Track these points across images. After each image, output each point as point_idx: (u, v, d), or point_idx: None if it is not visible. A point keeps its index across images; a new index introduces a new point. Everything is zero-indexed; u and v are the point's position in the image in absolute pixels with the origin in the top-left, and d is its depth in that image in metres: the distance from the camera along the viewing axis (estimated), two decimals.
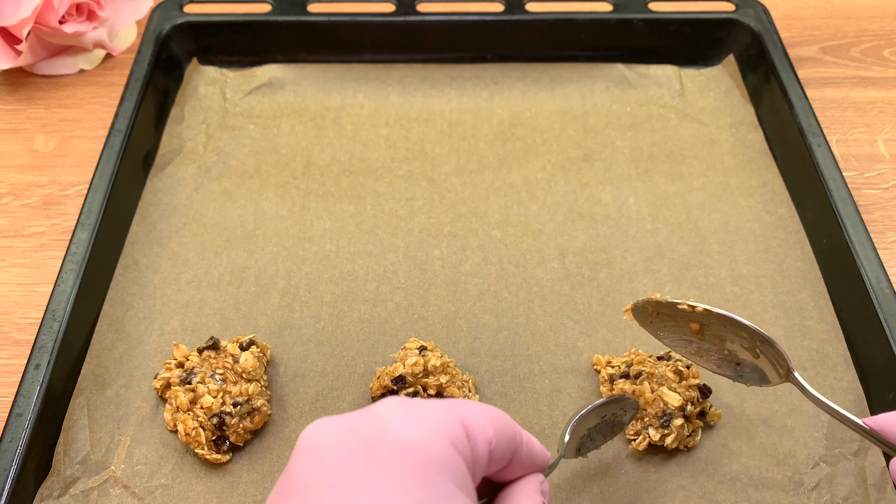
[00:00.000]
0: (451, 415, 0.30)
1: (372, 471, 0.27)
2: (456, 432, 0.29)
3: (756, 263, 0.54)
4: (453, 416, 0.30)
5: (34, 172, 0.60)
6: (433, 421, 0.29)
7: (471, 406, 0.31)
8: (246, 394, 0.45)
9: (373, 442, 0.28)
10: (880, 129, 0.64)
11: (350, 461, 0.27)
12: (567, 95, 0.65)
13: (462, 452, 0.29)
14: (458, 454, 0.29)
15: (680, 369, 0.45)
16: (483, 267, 0.54)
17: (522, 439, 0.33)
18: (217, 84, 0.66)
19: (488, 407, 0.32)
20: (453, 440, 0.29)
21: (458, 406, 0.31)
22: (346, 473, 0.27)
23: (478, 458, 0.30)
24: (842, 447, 0.45)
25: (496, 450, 0.31)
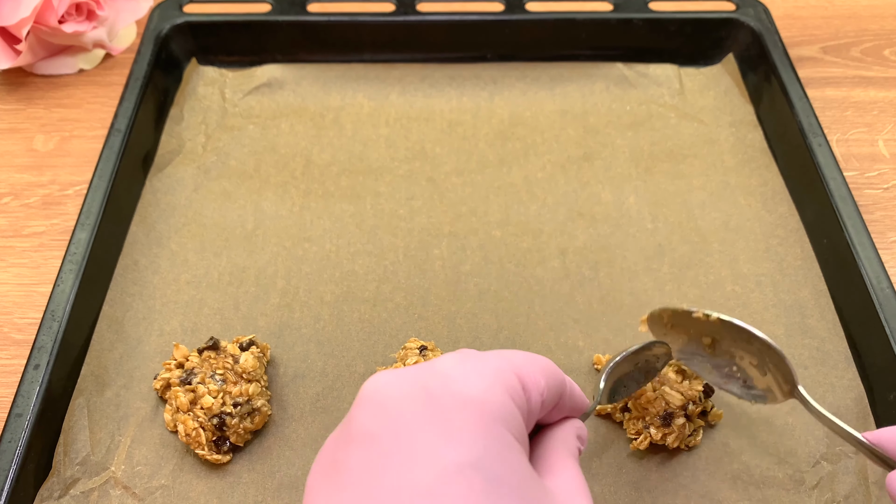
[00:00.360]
0: (508, 367, 0.31)
1: (437, 421, 0.28)
2: (513, 385, 0.31)
3: (756, 262, 0.54)
4: (509, 368, 0.31)
5: (34, 172, 0.60)
6: (492, 375, 0.30)
7: (523, 357, 0.32)
8: (246, 394, 0.45)
9: (437, 394, 0.29)
10: (881, 129, 0.64)
11: (416, 410, 0.28)
12: (567, 95, 0.65)
13: (518, 404, 0.30)
14: (515, 406, 0.30)
15: (682, 368, 0.45)
16: (483, 266, 0.54)
17: (566, 386, 0.35)
18: (216, 84, 0.65)
19: (538, 357, 0.33)
20: (511, 392, 0.30)
21: (512, 358, 0.32)
22: (413, 422, 0.28)
23: (532, 408, 0.32)
24: (843, 445, 0.45)
25: (547, 399, 0.32)
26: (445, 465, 0.27)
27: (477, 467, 0.27)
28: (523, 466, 0.29)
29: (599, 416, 0.46)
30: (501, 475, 0.27)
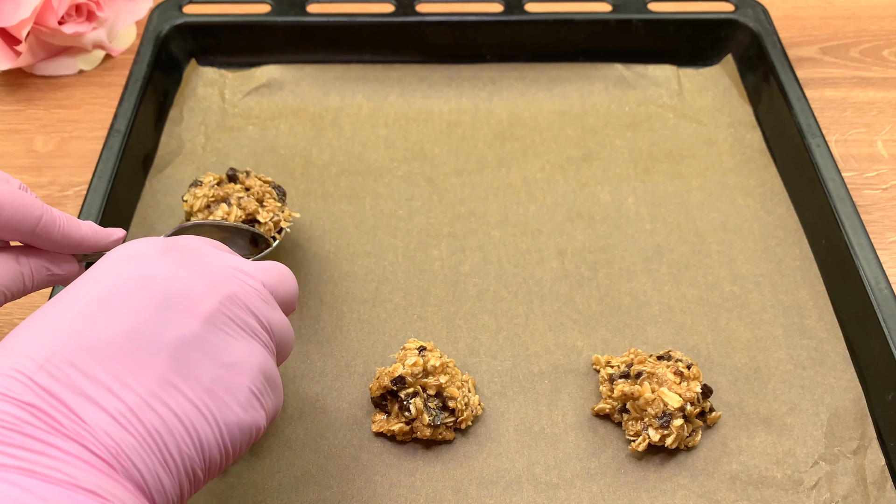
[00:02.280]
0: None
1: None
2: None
3: (755, 263, 0.54)
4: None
5: (33, 173, 0.60)
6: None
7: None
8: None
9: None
10: (879, 130, 0.64)
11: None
12: (566, 95, 0.65)
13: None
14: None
15: (680, 370, 0.45)
16: (482, 267, 0.54)
17: (42, 213, 0.39)
18: (216, 85, 0.66)
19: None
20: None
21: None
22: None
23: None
24: (841, 446, 0.45)
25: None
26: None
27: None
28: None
29: (598, 416, 0.46)
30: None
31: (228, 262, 0.35)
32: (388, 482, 0.44)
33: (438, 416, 0.44)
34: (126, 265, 0.32)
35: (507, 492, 0.43)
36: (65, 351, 0.28)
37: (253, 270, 0.35)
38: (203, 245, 0.35)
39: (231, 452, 0.31)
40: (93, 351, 0.29)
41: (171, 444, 0.29)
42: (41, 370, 0.28)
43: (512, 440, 0.45)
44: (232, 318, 0.32)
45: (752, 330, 0.50)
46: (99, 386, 0.28)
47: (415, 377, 0.44)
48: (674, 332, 0.50)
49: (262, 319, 0.33)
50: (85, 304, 0.30)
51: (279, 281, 0.36)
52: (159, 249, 0.33)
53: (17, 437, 0.26)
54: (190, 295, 0.31)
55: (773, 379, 0.48)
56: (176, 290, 0.31)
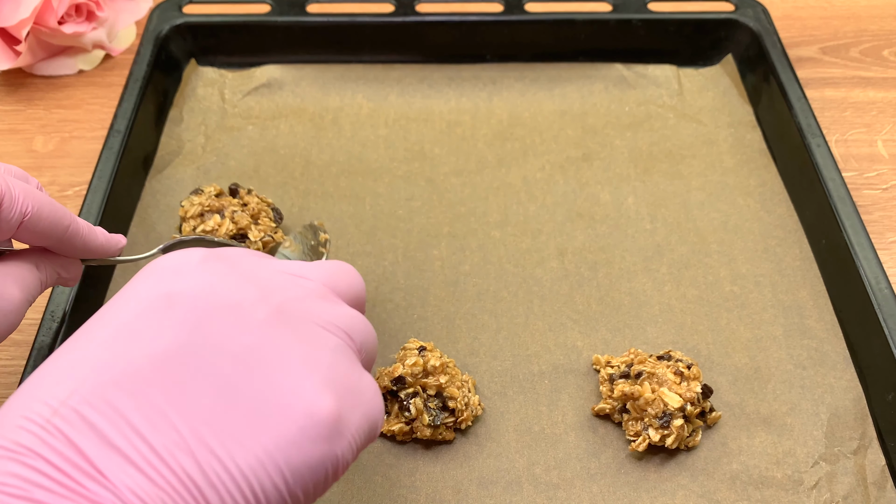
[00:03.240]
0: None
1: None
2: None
3: (755, 262, 0.54)
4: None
5: (33, 173, 0.60)
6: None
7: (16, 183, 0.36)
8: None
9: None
10: (880, 130, 0.64)
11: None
12: (566, 95, 0.65)
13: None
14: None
15: (681, 370, 0.45)
16: (482, 267, 0.54)
17: (70, 222, 0.38)
18: (216, 85, 0.66)
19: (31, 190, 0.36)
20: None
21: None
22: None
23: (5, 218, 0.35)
24: (841, 446, 0.45)
25: (32, 222, 0.36)
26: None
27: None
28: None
29: (598, 416, 0.46)
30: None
31: (278, 267, 0.30)
32: (388, 482, 0.44)
33: (438, 416, 0.44)
34: (157, 280, 0.28)
35: (507, 492, 0.43)
36: (85, 389, 0.24)
37: (308, 272, 0.31)
38: (247, 253, 0.31)
39: (301, 498, 0.26)
40: (117, 385, 0.24)
41: (211, 496, 0.24)
42: (56, 415, 0.24)
43: (512, 440, 0.45)
44: (288, 327, 0.27)
45: (752, 330, 0.50)
46: (124, 429, 0.24)
47: (415, 377, 0.44)
48: (674, 332, 0.50)
49: (328, 320, 0.29)
50: (109, 332, 0.26)
51: (340, 275, 0.32)
52: (196, 260, 0.29)
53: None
54: (230, 307, 0.27)
55: (773, 379, 0.48)
56: (213, 303, 0.27)
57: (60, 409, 0.24)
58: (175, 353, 0.25)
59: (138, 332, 0.26)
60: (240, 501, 0.24)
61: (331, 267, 0.32)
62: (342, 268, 0.33)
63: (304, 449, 0.25)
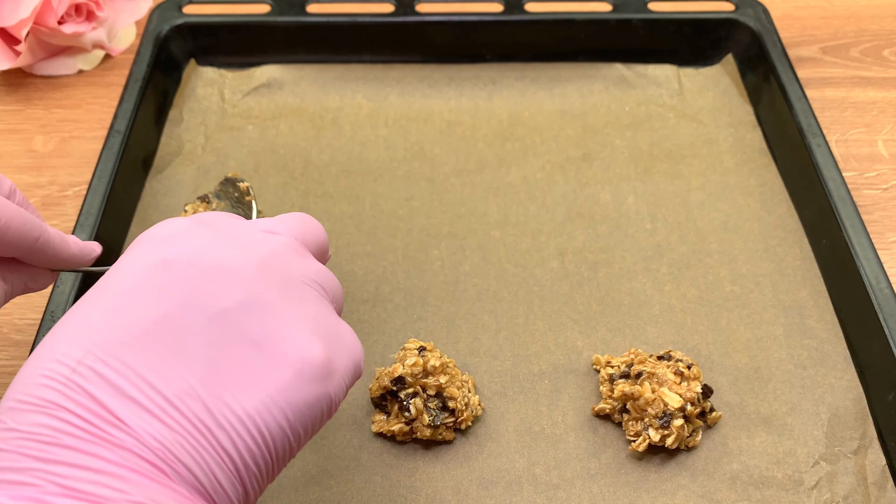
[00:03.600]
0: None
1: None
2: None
3: (755, 262, 0.54)
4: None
5: (33, 173, 0.60)
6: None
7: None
8: None
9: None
10: (880, 130, 0.64)
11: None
12: (566, 95, 0.65)
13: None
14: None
15: (681, 370, 0.45)
16: (482, 267, 0.54)
17: (41, 233, 0.38)
18: (215, 85, 0.65)
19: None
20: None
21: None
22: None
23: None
24: (842, 446, 0.45)
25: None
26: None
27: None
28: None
29: (598, 416, 0.46)
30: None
31: (253, 226, 0.33)
32: (388, 482, 0.44)
33: (438, 417, 0.44)
34: (151, 249, 0.30)
35: (507, 492, 0.43)
36: (97, 349, 0.27)
37: (277, 226, 0.33)
38: (225, 216, 0.34)
39: (301, 434, 0.29)
40: (126, 345, 0.27)
41: (221, 435, 0.26)
42: (75, 373, 0.26)
43: (512, 440, 0.45)
44: (272, 282, 0.30)
45: (752, 330, 0.50)
46: (137, 382, 0.26)
47: (415, 377, 0.44)
48: (674, 332, 0.50)
49: (306, 275, 0.31)
50: (113, 297, 0.28)
51: (305, 229, 0.35)
52: (183, 227, 0.31)
53: (57, 452, 0.24)
54: (221, 268, 0.29)
55: (773, 379, 0.48)
56: (205, 265, 0.29)
57: (78, 367, 0.26)
58: (176, 312, 0.28)
59: (141, 296, 0.28)
60: (248, 441, 0.27)
61: (296, 220, 0.35)
62: (305, 220, 0.35)
63: (301, 390, 0.28)
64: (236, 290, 0.29)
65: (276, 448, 0.28)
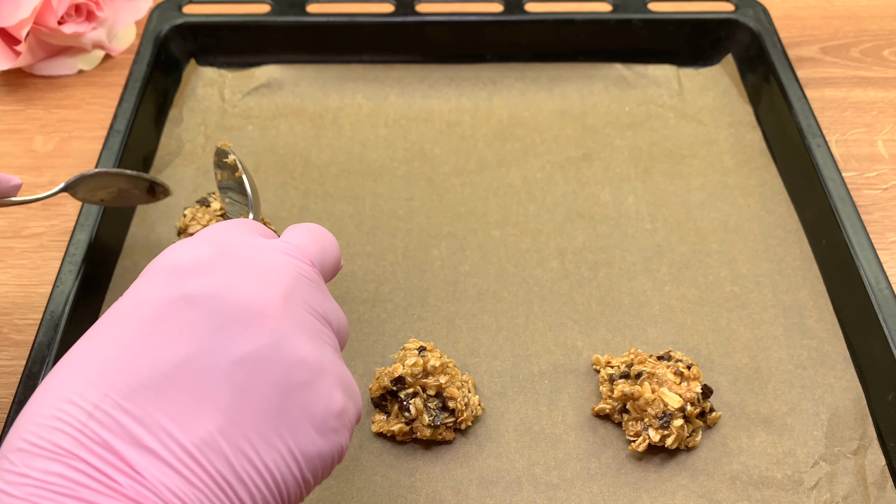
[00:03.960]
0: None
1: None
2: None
3: (755, 262, 0.54)
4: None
5: (33, 173, 0.60)
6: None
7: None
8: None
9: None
10: (880, 130, 0.64)
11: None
12: (566, 95, 0.65)
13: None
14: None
15: (681, 370, 0.45)
16: (482, 267, 0.54)
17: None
18: (215, 85, 0.65)
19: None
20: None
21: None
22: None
23: None
24: (841, 446, 0.45)
25: None
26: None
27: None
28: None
29: (598, 416, 0.46)
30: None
31: (272, 245, 0.31)
32: (388, 482, 0.44)
33: (438, 417, 0.44)
34: (171, 281, 0.28)
35: (507, 492, 0.43)
36: (115, 392, 0.25)
37: (295, 250, 0.32)
38: (242, 233, 0.32)
39: (312, 483, 0.28)
40: (146, 389, 0.26)
41: (240, 490, 0.26)
42: (91, 419, 0.25)
43: (512, 440, 0.45)
44: (294, 321, 0.28)
45: (752, 330, 0.50)
46: (156, 431, 0.25)
47: (415, 377, 0.44)
48: (674, 332, 0.50)
49: (321, 313, 0.30)
50: (132, 334, 0.27)
51: (322, 247, 0.33)
52: (203, 256, 0.29)
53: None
54: (245, 305, 0.28)
55: (773, 379, 0.48)
56: (229, 303, 0.28)
57: (95, 412, 0.25)
58: (198, 355, 0.26)
59: (162, 335, 0.27)
60: (266, 494, 0.26)
61: (312, 238, 0.33)
62: (321, 237, 0.34)
63: (319, 443, 0.28)
64: (260, 333, 0.27)
65: (289, 498, 0.27)
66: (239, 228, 0.32)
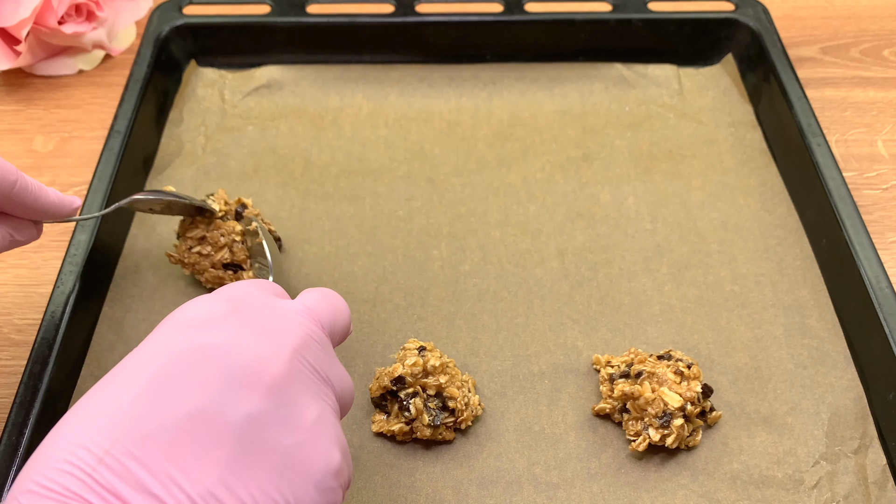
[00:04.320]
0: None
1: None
2: None
3: (755, 262, 0.54)
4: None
5: (33, 173, 0.60)
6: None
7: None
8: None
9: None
10: (880, 130, 0.64)
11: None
12: (566, 95, 0.65)
13: None
14: None
15: (681, 370, 0.45)
16: (482, 267, 0.54)
17: (17, 178, 0.38)
18: (216, 86, 0.66)
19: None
20: None
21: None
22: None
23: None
24: (842, 445, 0.45)
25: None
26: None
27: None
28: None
29: (598, 416, 0.46)
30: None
31: (286, 306, 0.33)
32: (388, 482, 0.44)
33: (438, 417, 0.44)
34: (186, 334, 0.29)
35: (507, 492, 0.43)
36: (126, 439, 0.26)
37: (308, 311, 0.33)
38: (258, 293, 0.33)
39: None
40: (156, 437, 0.26)
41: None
42: (101, 464, 0.26)
43: (512, 440, 0.45)
44: (300, 381, 0.30)
45: (752, 329, 0.50)
46: (163, 479, 0.26)
47: (415, 377, 0.44)
48: (674, 332, 0.50)
49: (325, 375, 0.32)
50: (144, 383, 0.28)
51: (334, 313, 0.35)
52: (219, 312, 0.31)
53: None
54: (255, 362, 0.29)
55: (773, 378, 0.48)
56: (241, 358, 0.29)
57: (105, 457, 0.26)
58: (209, 408, 0.27)
59: (174, 385, 0.28)
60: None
61: (325, 303, 0.35)
62: (334, 303, 0.35)
63: (316, 499, 0.29)
64: (270, 392, 0.29)
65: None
66: (256, 289, 0.34)
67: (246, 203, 0.52)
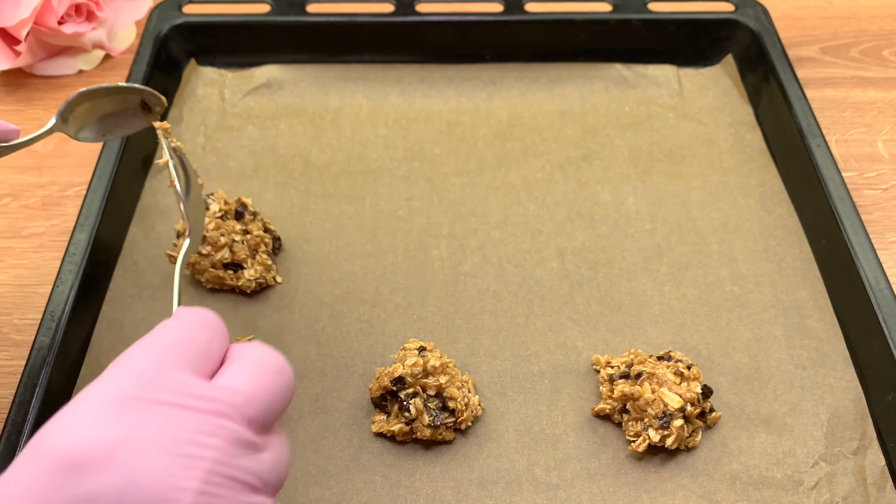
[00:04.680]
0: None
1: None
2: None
3: (755, 262, 0.54)
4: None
5: (33, 173, 0.60)
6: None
7: None
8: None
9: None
10: (880, 130, 0.64)
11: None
12: (566, 95, 0.65)
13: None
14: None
15: (680, 370, 0.45)
16: (482, 267, 0.54)
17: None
18: (215, 85, 0.65)
19: None
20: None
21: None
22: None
23: None
24: (841, 446, 0.45)
25: None
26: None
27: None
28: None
29: (598, 416, 0.46)
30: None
31: (201, 400, 0.27)
32: (388, 482, 0.44)
33: (438, 417, 0.44)
34: (64, 480, 0.24)
35: (507, 492, 0.43)
36: None
37: (231, 406, 0.27)
38: (168, 376, 0.28)
39: None
40: None
41: None
42: None
43: (512, 440, 0.45)
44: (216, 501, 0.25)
45: (752, 330, 0.50)
46: None
47: (415, 377, 0.44)
48: (674, 333, 0.50)
49: (252, 480, 0.27)
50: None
51: (268, 404, 0.29)
52: (107, 440, 0.25)
53: None
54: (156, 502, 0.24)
55: (773, 379, 0.48)
56: (137, 502, 0.24)
57: None
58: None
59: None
60: None
61: (265, 389, 0.29)
62: (275, 389, 0.29)
63: None
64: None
65: None
66: (167, 367, 0.28)
67: (246, 203, 0.52)
